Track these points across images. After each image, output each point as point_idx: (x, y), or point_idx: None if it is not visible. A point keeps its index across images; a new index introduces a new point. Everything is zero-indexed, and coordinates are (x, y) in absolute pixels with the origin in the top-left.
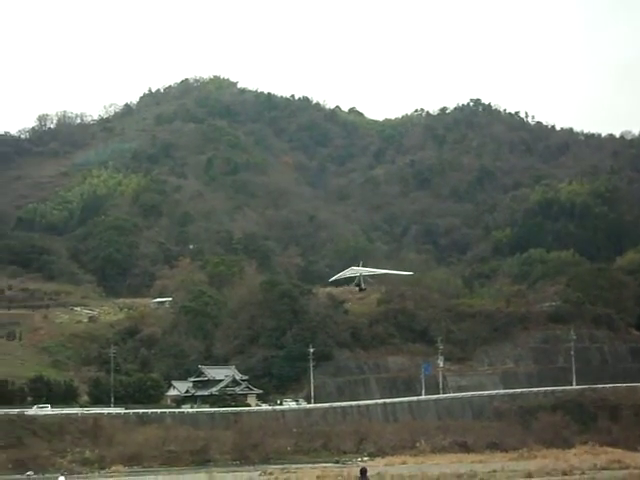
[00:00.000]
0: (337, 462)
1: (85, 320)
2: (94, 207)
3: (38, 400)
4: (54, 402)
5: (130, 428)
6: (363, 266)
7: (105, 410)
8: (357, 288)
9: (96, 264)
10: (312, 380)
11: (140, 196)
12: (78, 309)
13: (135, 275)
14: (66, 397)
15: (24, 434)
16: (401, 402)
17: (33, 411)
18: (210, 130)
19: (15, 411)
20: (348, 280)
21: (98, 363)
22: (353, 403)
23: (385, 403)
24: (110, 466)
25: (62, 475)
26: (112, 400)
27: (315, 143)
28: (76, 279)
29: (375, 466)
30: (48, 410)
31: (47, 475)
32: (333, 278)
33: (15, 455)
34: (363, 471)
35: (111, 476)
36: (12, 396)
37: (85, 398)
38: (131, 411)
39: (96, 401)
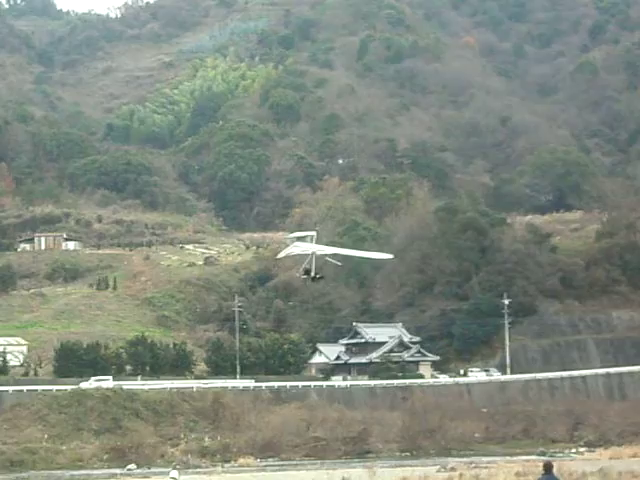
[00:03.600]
0: (543, 454)
1: (200, 262)
2: (209, 109)
3: (140, 369)
4: (162, 372)
5: (262, 407)
6: (318, 240)
7: (229, 383)
8: (305, 277)
9: (213, 187)
10: (507, 342)
11: (271, 93)
12: (190, 247)
13: (266, 201)
14: (177, 365)
15: (123, 415)
16: (631, 372)
17: (89, 385)
18: (364, 2)
19: (111, 384)
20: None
21: (218, 320)
22: (564, 374)
23: (609, 373)
24: (237, 458)
25: (174, 469)
26: (238, 370)
27: (508, 17)
28: (187, 207)
29: (596, 460)
30: (108, 383)
31: (154, 469)
32: (280, 255)
33: (112, 442)
34: (548, 467)
35: (239, 471)
36: (106, 364)
37: (202, 367)
38: (263, 384)
39: (216, 371)
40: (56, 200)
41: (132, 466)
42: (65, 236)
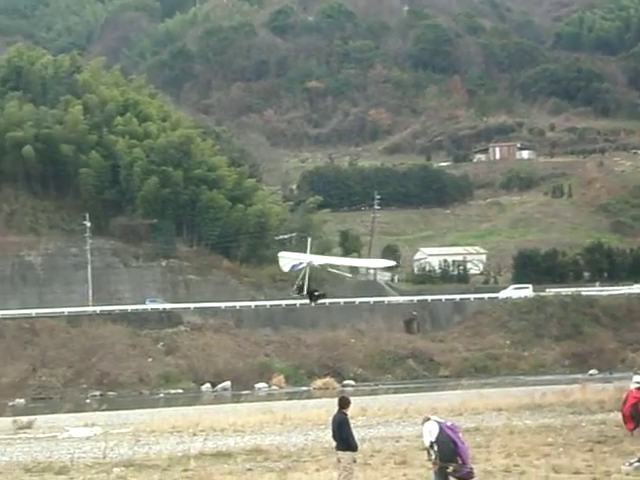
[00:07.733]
0: None
1: None
2: None
3: (597, 276)
4: (619, 278)
5: None
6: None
7: None
8: (299, 295)
9: None
10: None
11: None
12: None
13: None
14: (634, 271)
15: (582, 321)
16: None
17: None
18: None
19: (569, 291)
20: None
21: None
22: None
23: None
24: None
25: (636, 374)
26: None
27: None
28: (638, 113)
29: None
30: (528, 292)
31: (615, 374)
32: (286, 268)
33: (572, 348)
34: None
35: None
36: (564, 270)
37: None
38: None
39: None
40: (509, 110)
41: (593, 371)
42: (519, 145)
